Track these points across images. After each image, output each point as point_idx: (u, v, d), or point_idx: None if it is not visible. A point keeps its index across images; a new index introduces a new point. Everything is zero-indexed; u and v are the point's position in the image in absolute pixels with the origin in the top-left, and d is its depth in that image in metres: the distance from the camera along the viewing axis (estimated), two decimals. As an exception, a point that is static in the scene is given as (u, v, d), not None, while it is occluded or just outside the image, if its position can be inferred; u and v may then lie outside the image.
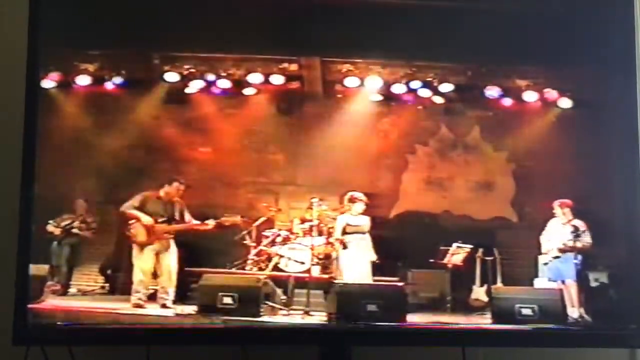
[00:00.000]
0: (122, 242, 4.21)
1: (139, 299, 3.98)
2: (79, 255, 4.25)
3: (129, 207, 4.07)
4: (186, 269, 4.10)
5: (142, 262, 4.07)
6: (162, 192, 4.21)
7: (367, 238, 4.45)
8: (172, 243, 4.15)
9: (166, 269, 4.11)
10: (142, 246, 4.09)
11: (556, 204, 4.12)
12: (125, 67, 4.43)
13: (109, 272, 4.39)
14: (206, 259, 4.14)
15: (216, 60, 4.60)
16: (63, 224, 4.08)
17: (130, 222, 4.09)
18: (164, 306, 3.99)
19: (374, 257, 4.42)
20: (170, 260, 4.13)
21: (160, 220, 4.13)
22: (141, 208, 4.10)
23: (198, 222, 4.18)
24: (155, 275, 4.10)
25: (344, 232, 4.48)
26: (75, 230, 4.12)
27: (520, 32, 3.54)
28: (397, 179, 4.89)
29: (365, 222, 4.45)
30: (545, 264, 4.16)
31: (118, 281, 4.32)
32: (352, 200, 4.46)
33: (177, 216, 4.18)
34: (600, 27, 3.38)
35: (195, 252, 4.18)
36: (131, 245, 4.10)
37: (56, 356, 3.10)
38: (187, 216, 4.21)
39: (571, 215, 4.07)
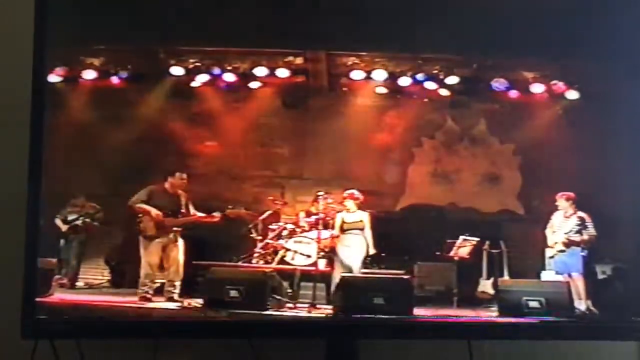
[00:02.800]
0: (129, 235, 4.22)
1: (146, 292, 3.99)
2: (87, 249, 4.27)
3: (136, 201, 4.07)
4: (193, 262, 4.11)
5: (149, 255, 4.09)
6: (167, 185, 4.21)
7: (367, 233, 4.45)
8: (179, 236, 4.16)
9: (174, 262, 4.12)
10: (150, 240, 4.10)
11: (559, 196, 4.10)
12: (130, 62, 4.44)
13: (114, 264, 4.41)
14: (213, 253, 4.15)
15: (222, 54, 4.61)
16: (69, 218, 4.09)
17: (138, 216, 4.10)
18: (170, 299, 4.01)
19: (373, 251, 4.42)
20: (178, 253, 4.14)
21: (168, 213, 4.15)
22: (148, 202, 4.10)
23: (204, 214, 4.19)
24: (161, 268, 4.11)
25: (341, 229, 4.48)
26: (81, 225, 4.13)
27: (527, 24, 3.52)
28: (403, 172, 4.90)
29: (361, 218, 4.45)
30: (552, 257, 4.15)
31: (126, 275, 4.34)
32: (346, 198, 4.46)
33: (183, 209, 4.19)
34: (606, 19, 3.35)
35: (202, 246, 4.19)
36: (138, 239, 4.11)
37: (64, 349, 3.11)
38: (192, 209, 4.22)
39: (574, 207, 4.05)
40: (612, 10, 3.34)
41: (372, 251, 4.43)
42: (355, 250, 4.43)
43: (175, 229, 4.14)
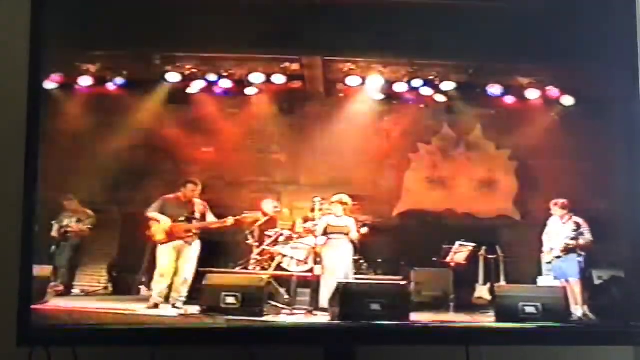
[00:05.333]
0: (128, 243, 4.23)
1: (157, 298, 3.99)
2: (81, 256, 4.25)
3: (151, 210, 4.13)
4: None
5: (160, 261, 4.11)
6: (180, 194, 4.23)
7: (353, 237, 4.45)
8: (196, 243, 4.18)
9: (181, 269, 4.14)
10: (161, 246, 4.13)
11: (553, 204, 4.11)
12: (126, 68, 4.44)
13: (113, 272, 4.40)
14: (209, 260, 4.15)
15: (217, 60, 4.60)
16: (63, 223, 4.07)
17: (151, 223, 4.14)
18: (174, 306, 4.01)
19: (353, 256, 4.42)
20: (187, 260, 4.16)
21: (179, 220, 4.16)
22: (161, 211, 4.14)
23: (215, 220, 4.23)
24: (172, 275, 4.13)
25: (326, 233, 4.46)
26: (71, 231, 4.10)
27: (522, 29, 3.53)
28: (399, 177, 4.90)
29: (346, 223, 4.45)
30: (549, 263, 4.16)
31: (122, 282, 4.34)
32: (334, 202, 4.45)
33: (197, 216, 4.19)
34: (602, 24, 3.36)
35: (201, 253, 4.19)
36: (148, 246, 4.16)
37: (60, 357, 3.10)
38: (210, 216, 4.23)
39: (569, 213, 4.06)
40: (607, 15, 3.35)
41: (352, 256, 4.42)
42: (341, 255, 4.41)
43: (187, 234, 4.15)
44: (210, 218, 4.25)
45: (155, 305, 3.98)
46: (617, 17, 3.33)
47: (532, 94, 4.53)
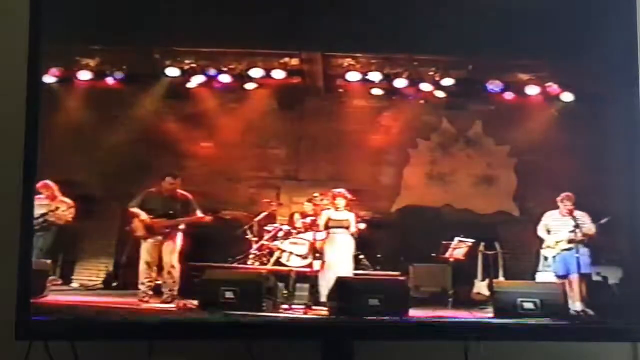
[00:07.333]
0: (123, 237, 4.22)
1: (145, 292, 3.98)
2: (71, 248, 4.21)
3: (132, 204, 4.09)
4: (189, 263, 4.10)
5: (145, 256, 4.10)
6: (162, 188, 4.21)
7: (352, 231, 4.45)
8: (177, 237, 4.16)
9: (168, 263, 4.12)
10: (143, 241, 4.11)
11: (559, 199, 4.11)
12: (126, 62, 4.43)
13: (111, 266, 4.40)
14: (208, 254, 4.15)
15: (217, 55, 4.60)
16: (39, 212, 3.95)
17: (132, 218, 4.11)
18: (167, 300, 4.00)
19: (353, 251, 4.42)
20: (173, 254, 4.14)
21: (159, 215, 4.13)
22: (143, 205, 4.11)
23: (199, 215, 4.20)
24: (159, 269, 4.11)
25: (327, 227, 4.46)
26: (50, 220, 4.04)
27: (522, 25, 3.52)
28: (398, 173, 4.90)
29: (347, 217, 4.45)
30: (547, 258, 4.16)
31: (120, 276, 4.33)
32: (335, 196, 4.45)
33: (187, 210, 4.17)
34: (602, 21, 3.37)
35: (197, 247, 4.18)
36: (134, 240, 4.12)
37: (59, 350, 3.10)
38: (198, 211, 4.20)
39: (570, 208, 4.06)
40: (607, 12, 3.35)
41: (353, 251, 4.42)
42: (342, 250, 4.41)
43: (165, 230, 4.14)
44: (198, 212, 4.21)
45: (143, 300, 3.96)
46: (617, 13, 3.33)
47: (532, 90, 4.53)
